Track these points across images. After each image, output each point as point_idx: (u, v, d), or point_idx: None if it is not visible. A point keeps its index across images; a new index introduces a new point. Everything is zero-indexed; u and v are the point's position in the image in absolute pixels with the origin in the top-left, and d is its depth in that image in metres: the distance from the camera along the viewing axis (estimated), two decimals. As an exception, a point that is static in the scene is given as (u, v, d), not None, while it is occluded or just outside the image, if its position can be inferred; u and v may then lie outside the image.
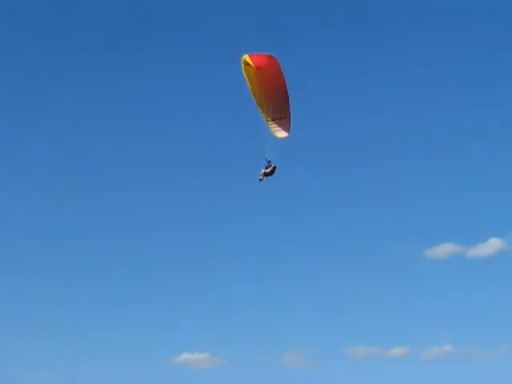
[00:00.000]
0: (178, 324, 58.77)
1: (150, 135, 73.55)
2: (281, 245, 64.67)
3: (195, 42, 74.16)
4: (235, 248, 66.29)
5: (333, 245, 64.76)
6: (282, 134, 23.07)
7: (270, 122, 22.76)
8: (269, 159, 23.81)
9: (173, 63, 75.56)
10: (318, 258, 63.61)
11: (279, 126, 22.61)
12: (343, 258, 63.26)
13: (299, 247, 65.63)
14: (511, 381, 55.08)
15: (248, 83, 21.63)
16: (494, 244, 60.82)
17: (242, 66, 21.09)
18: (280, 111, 22.38)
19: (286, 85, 21.68)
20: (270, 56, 20.71)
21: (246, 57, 20.50)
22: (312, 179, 69.66)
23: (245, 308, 59.53)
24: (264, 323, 58.83)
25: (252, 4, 76.69)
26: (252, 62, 20.39)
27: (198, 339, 56.95)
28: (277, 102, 21.81)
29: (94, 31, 76.47)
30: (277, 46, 68.71)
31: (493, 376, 53.84)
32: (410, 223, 65.24)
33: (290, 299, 61.08)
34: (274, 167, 24.01)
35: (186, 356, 56.00)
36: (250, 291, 62.41)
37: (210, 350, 56.46)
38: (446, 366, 55.94)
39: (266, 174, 24.15)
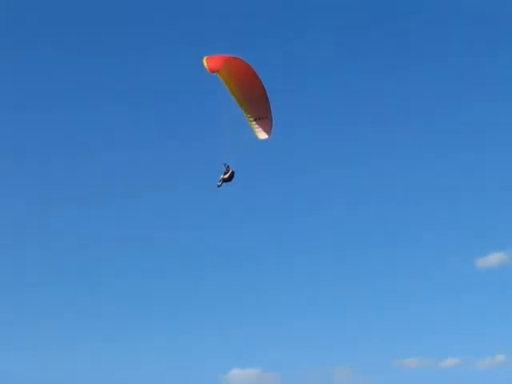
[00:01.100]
0: (228, 339, 58.20)
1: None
2: (334, 260, 64.05)
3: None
4: (287, 261, 64.76)
5: (381, 257, 63.66)
6: (263, 135, 22.47)
7: (253, 123, 22.19)
8: (227, 164, 23.32)
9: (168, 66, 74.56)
10: (368, 271, 62.68)
11: (261, 126, 22.02)
12: (392, 270, 62.58)
13: (348, 260, 64.38)
14: None
15: (224, 84, 21.03)
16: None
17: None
18: (261, 111, 21.82)
19: (262, 85, 21.08)
20: (230, 58, 20.05)
21: (204, 59, 19.79)
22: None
23: (295, 322, 58.57)
24: (313, 337, 57.78)
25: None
26: (206, 65, 19.84)
27: (248, 354, 56.63)
28: (256, 101, 21.26)
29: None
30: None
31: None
32: (461, 233, 64.49)
33: (338, 312, 60.52)
34: (233, 172, 23.45)
35: (236, 371, 55.39)
36: (299, 305, 61.49)
37: (260, 364, 56.19)
38: (499, 377, 54.78)
39: (224, 180, 23.49)
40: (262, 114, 21.61)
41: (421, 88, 72.38)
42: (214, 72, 19.99)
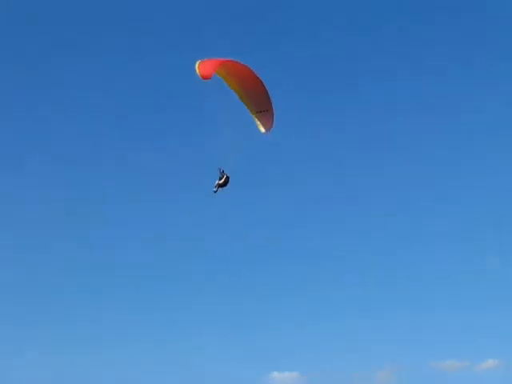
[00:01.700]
0: (267, 342, 57.19)
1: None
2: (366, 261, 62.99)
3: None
4: (319, 262, 63.24)
5: (418, 256, 62.98)
6: (265, 128, 22.85)
7: (255, 115, 22.58)
8: (222, 169, 23.61)
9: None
10: (404, 271, 61.95)
11: (263, 119, 22.38)
12: (429, 270, 61.38)
13: (382, 260, 63.53)
14: None
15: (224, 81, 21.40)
16: None
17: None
18: (263, 105, 22.22)
19: (261, 81, 21.42)
20: (224, 61, 20.08)
21: (196, 65, 20.10)
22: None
23: (332, 325, 58.28)
24: (350, 340, 56.75)
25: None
26: (198, 72, 19.99)
27: (286, 357, 55.54)
28: (257, 95, 21.67)
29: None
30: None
31: None
32: (491, 234, 63.08)
33: (377, 313, 58.86)
34: (228, 177, 23.69)
35: (275, 375, 54.94)
36: (335, 308, 60.43)
37: (298, 368, 55.16)
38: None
39: (220, 186, 23.72)
40: (264, 108, 22.00)
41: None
42: (206, 79, 20.00)
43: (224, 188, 23.70)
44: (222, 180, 23.65)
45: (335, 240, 64.56)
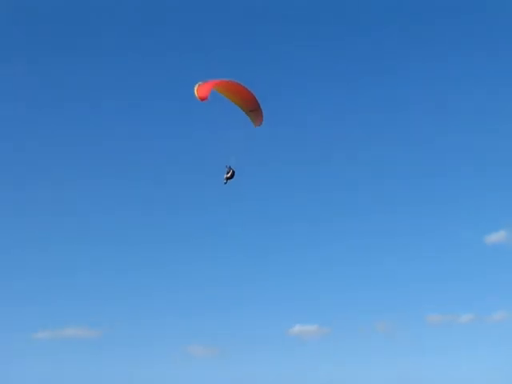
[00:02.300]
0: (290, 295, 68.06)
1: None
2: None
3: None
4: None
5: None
6: (257, 123, 29.21)
7: (249, 114, 28.87)
8: (229, 165, 29.79)
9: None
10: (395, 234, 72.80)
11: (254, 116, 28.70)
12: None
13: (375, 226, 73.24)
14: None
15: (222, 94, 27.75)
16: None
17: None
18: (253, 106, 28.47)
19: (249, 90, 27.71)
20: (218, 82, 26.13)
21: (195, 87, 26.10)
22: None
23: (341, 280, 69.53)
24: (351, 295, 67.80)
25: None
26: (197, 95, 25.89)
27: (307, 310, 66.39)
28: (248, 100, 27.95)
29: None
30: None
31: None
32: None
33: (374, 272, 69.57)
34: (233, 171, 29.93)
35: (298, 327, 64.66)
36: (347, 262, 71.12)
37: (318, 320, 65.22)
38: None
39: (227, 178, 29.99)
40: (254, 107, 28.26)
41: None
42: (203, 100, 25.73)
43: (231, 180, 30.00)
44: (229, 174, 29.87)
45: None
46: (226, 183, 30.16)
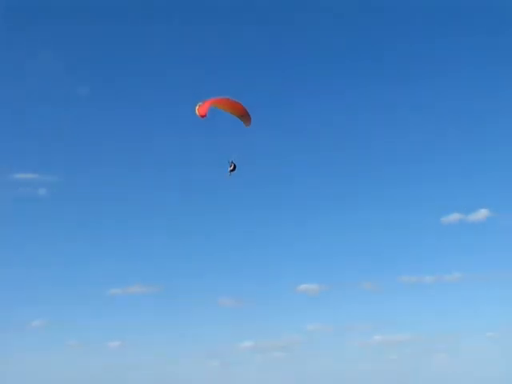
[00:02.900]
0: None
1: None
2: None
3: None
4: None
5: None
6: (247, 125, 39.19)
7: (241, 118, 38.75)
8: (231, 160, 39.01)
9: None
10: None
11: (244, 119, 38.58)
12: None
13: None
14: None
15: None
16: None
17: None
18: (242, 112, 38.48)
19: (240, 103, 37.71)
20: (213, 100, 36.73)
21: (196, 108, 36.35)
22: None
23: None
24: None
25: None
26: (198, 114, 36.15)
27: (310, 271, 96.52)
28: (238, 109, 38.00)
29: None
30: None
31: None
32: None
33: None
34: (235, 165, 39.10)
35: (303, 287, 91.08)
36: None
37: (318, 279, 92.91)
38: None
39: (231, 171, 39.08)
40: (243, 113, 38.04)
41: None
42: (203, 117, 35.81)
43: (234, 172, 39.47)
44: (232, 167, 39.24)
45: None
46: (230, 175, 39.26)
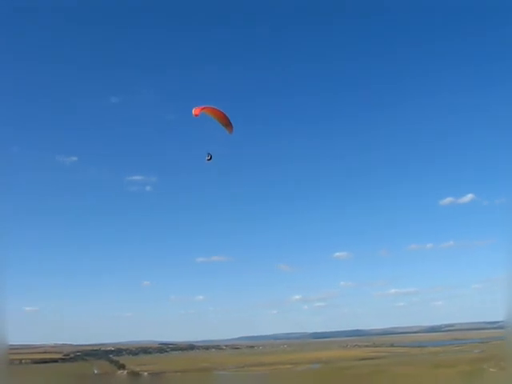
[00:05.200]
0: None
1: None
2: None
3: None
4: None
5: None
6: (229, 132, 43.12)
7: (223, 127, 42.75)
8: (208, 152, 46.95)
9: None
10: None
11: (228, 128, 42.77)
12: None
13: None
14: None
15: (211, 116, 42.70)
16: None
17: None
18: (225, 122, 42.11)
19: (224, 113, 41.97)
20: (205, 108, 40.69)
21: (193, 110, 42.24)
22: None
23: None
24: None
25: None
26: (193, 113, 40.09)
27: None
28: (222, 119, 41.98)
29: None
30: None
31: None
32: None
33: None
34: (211, 156, 45.94)
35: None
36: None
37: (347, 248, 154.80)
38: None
39: (208, 160, 45.15)
40: (226, 123, 41.91)
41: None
42: (196, 116, 39.72)
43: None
44: (209, 157, 44.67)
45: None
46: (208, 161, 47.19)
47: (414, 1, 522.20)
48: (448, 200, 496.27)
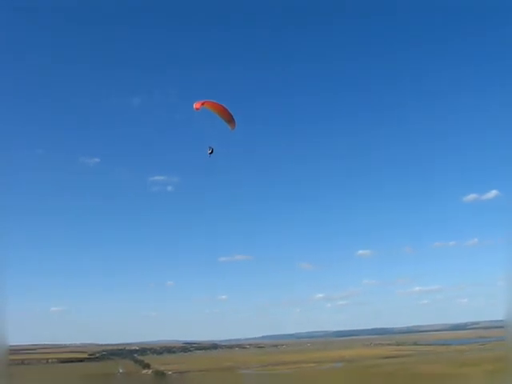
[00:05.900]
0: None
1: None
2: None
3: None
4: None
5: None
6: (232, 128, 41.89)
7: (225, 123, 41.64)
8: (210, 146, 45.54)
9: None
10: None
11: (230, 124, 41.62)
12: None
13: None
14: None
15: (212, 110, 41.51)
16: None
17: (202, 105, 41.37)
18: (228, 118, 40.97)
19: (226, 108, 40.76)
20: (205, 102, 39.51)
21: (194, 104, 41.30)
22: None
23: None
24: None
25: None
26: (194, 107, 39.08)
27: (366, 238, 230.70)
28: (225, 115, 40.69)
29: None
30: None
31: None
32: None
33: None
34: (213, 150, 52.71)
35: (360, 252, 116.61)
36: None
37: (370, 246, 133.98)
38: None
39: (210, 154, 44.00)
40: (229, 119, 40.80)
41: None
42: (197, 110, 39.06)
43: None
44: (210, 151, 46.90)
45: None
46: (210, 155, 47.42)
47: (413, 1, 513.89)
48: (472, 197, 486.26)
